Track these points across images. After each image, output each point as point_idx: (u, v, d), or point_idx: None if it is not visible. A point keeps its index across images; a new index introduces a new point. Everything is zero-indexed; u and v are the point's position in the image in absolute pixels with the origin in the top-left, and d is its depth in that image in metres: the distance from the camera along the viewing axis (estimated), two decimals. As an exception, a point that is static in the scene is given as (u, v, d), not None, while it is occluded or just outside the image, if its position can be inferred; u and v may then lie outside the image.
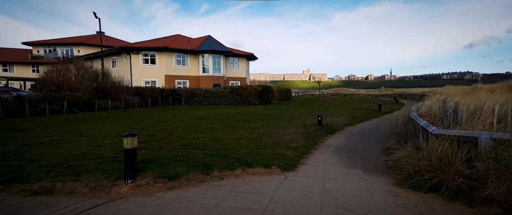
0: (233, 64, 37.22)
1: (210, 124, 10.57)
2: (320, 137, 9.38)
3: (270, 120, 12.46)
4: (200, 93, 25.21)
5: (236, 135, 8.52)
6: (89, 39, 46.94)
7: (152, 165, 4.91)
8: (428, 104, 9.93)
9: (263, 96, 26.88)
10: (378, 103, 20.90)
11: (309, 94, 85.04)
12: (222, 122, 11.28)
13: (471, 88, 22.66)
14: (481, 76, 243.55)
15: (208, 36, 34.96)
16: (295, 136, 8.94)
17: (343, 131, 11.54)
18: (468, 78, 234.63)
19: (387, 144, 8.23)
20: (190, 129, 9.39)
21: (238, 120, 12.08)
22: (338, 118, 14.49)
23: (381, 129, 11.96)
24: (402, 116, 9.11)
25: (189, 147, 6.44)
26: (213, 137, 8.02)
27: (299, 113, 16.26)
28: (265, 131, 9.45)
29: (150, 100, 21.39)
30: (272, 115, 14.61)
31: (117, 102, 18.67)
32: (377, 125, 13.59)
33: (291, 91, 39.44)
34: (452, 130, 4.50)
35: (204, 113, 15.82)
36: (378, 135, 10.30)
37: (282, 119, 13.13)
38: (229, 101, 26.27)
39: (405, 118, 8.57)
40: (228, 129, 9.56)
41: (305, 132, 9.91)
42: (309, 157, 6.74)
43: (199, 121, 11.43)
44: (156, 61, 30.35)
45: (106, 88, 18.19)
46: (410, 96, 40.64)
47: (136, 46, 29.66)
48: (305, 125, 11.28)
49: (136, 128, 9.59)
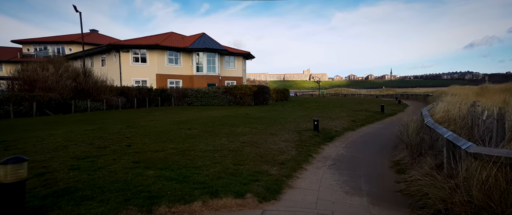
0: (229, 63, 35.79)
1: (188, 130, 9.12)
2: (315, 146, 7.95)
3: (260, 124, 11.03)
4: (192, 93, 23.77)
5: (213, 145, 7.08)
6: (80, 38, 45.42)
7: (64, 201, 3.40)
8: (443, 107, 8.49)
9: (258, 96, 25.45)
10: (381, 105, 19.48)
11: (309, 94, 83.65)
12: (203, 127, 9.84)
13: (480, 88, 21.27)
14: (481, 76, 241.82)
15: (202, 34, 33.52)
16: (285, 145, 7.51)
17: (343, 137, 10.10)
18: (468, 78, 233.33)
19: (395, 156, 6.80)
20: (160, 137, 7.94)
21: (224, 125, 10.64)
22: (338, 122, 13.06)
23: (386, 134, 10.53)
24: (413, 121, 7.67)
25: (143, 166, 4.98)
26: (184, 148, 6.57)
27: (295, 116, 14.83)
28: (251, 139, 8.02)
29: (136, 101, 19.94)
30: (264, 118, 13.17)
31: (99, 103, 17.22)
32: (381, 129, 12.16)
33: (289, 91, 38.02)
34: (503, 150, 3.08)
35: (190, 115, 14.38)
36: (383, 143, 8.87)
37: (275, 123, 11.70)
38: (222, 101, 24.85)
39: (418, 125, 7.13)
40: (208, 137, 8.12)
41: (298, 139, 8.48)
42: (299, 175, 5.31)
43: (176, 126, 9.98)
44: (147, 59, 28.91)
45: (87, 88, 16.75)
46: (412, 97, 39.18)
47: (125, 44, 28.21)
48: (299, 131, 9.85)
49: (95, 136, 8.11)
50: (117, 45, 27.95)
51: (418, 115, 9.88)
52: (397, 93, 48.79)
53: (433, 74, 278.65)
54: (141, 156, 5.70)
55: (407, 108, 23.75)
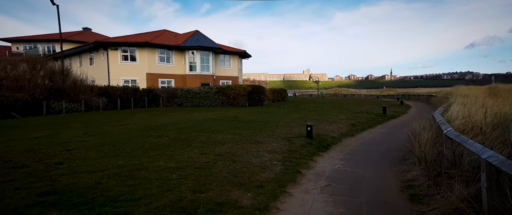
0: (224, 62, 34.42)
1: (157, 139, 7.73)
2: (307, 158, 6.60)
3: (247, 130, 9.67)
4: (181, 93, 22.40)
5: (178, 159, 5.71)
6: (73, 35, 44.11)
7: None
8: (460, 110, 7.14)
9: (253, 97, 24.10)
10: (383, 106, 18.13)
11: (308, 94, 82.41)
12: (177, 134, 8.46)
13: (488, 89, 19.96)
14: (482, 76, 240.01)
15: (196, 31, 32.15)
16: (270, 158, 6.16)
17: (341, 145, 8.74)
18: (469, 78, 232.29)
19: (406, 174, 5.44)
20: (115, 149, 6.50)
21: (203, 130, 9.27)
22: (335, 126, 11.71)
23: (391, 142, 9.18)
24: (425, 128, 6.31)
25: (50, 201, 3.45)
26: (135, 166, 5.16)
27: (289, 118, 13.48)
28: (230, 150, 6.66)
29: (119, 102, 18.53)
30: (254, 122, 11.82)
31: (76, 104, 15.84)
32: (384, 135, 10.81)
33: (286, 92, 36.66)
34: None
35: (172, 118, 13.00)
36: (388, 154, 7.51)
37: (264, 127, 10.34)
38: (214, 102, 23.49)
39: (432, 134, 5.78)
40: (176, 148, 6.75)
41: (287, 149, 7.13)
42: (280, 206, 3.96)
43: (146, 133, 8.59)
44: (136, 58, 27.54)
45: (64, 88, 15.38)
46: (414, 97, 37.80)
47: (114, 41, 26.85)
48: (290, 138, 8.50)
49: (28, 148, 6.50)
50: (105, 42, 26.59)
51: (427, 120, 8.53)
52: (398, 93, 47.42)
53: (434, 74, 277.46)
54: (64, 181, 4.25)
55: (410, 109, 22.40)
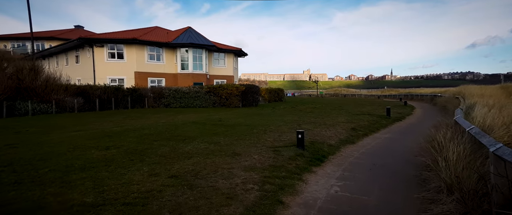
0: (218, 60, 32.83)
1: (101, 152, 6.06)
2: (294, 177, 5.04)
3: (228, 136, 8.11)
4: (169, 93, 20.82)
5: (108, 187, 4.10)
6: (63, 33, 42.54)
7: None
8: (490, 115, 5.55)
9: (247, 97, 22.54)
10: (386, 107, 16.55)
11: (307, 94, 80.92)
12: (135, 145, 6.83)
13: (501, 88, 18.40)
14: (483, 76, 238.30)
15: (188, 28, 30.59)
16: (245, 179, 4.60)
17: (339, 156, 7.16)
18: (469, 78, 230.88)
19: (431, 207, 3.85)
20: (22, 170, 4.90)
21: (172, 138, 7.69)
22: (333, 130, 10.14)
23: (400, 152, 7.62)
24: (452, 141, 4.73)
25: None
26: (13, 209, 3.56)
27: (281, 122, 11.92)
28: (194, 167, 5.10)
29: (98, 102, 16.91)
30: (239, 126, 10.25)
31: (47, 105, 14.26)
32: (390, 142, 9.23)
33: (283, 92, 35.08)
34: None
35: (147, 121, 11.41)
36: (399, 170, 5.93)
37: (249, 133, 8.77)
38: (205, 103, 21.94)
39: (465, 149, 4.20)
40: (120, 165, 5.14)
41: (271, 164, 5.57)
42: None
43: (91, 144, 6.89)
44: (124, 55, 25.95)
45: (33, 87, 13.81)
46: (417, 97, 36.18)
47: (99, 37, 25.27)
48: (278, 147, 6.94)
49: None
50: (90, 38, 24.99)
51: (447, 126, 6.96)
52: (401, 93, 45.79)
53: (434, 74, 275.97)
54: None
55: (415, 111, 20.80)
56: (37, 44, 41.78)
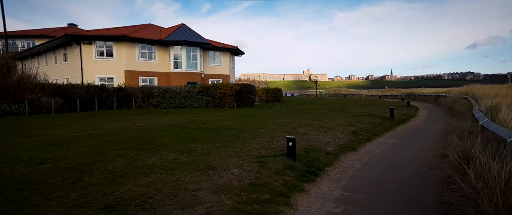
0: (214, 59, 31.67)
1: (33, 168, 4.78)
2: (279, 202, 3.86)
3: (207, 143, 6.92)
4: (158, 93, 19.62)
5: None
6: (54, 31, 41.30)
7: None
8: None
9: (241, 97, 21.36)
10: (389, 108, 15.36)
11: (307, 94, 79.81)
12: (85, 155, 5.59)
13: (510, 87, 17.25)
14: (483, 76, 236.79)
15: (182, 25, 29.42)
16: (210, 210, 3.42)
17: (338, 167, 5.98)
18: (469, 79, 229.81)
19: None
20: None
21: (137, 147, 6.50)
22: (332, 134, 8.96)
23: (411, 164, 6.44)
24: (493, 158, 3.54)
25: None
26: None
27: (275, 124, 10.75)
28: (146, 190, 3.91)
29: (78, 103, 15.69)
30: (225, 130, 9.06)
31: (19, 106, 13.09)
32: (398, 150, 8.04)
33: (281, 92, 33.89)
34: None
35: (117, 125, 10.19)
36: (414, 188, 4.75)
37: (235, 138, 7.60)
38: (197, 103, 20.76)
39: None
40: (41, 190, 3.94)
41: (251, 181, 4.40)
42: None
43: (28, 155, 5.68)
44: (113, 53, 24.75)
45: (3, 85, 12.63)
46: (420, 97, 34.96)
47: (87, 34, 24.09)
48: (264, 157, 5.76)
49: None
50: (77, 35, 23.82)
51: (459, 128, 5.80)
52: (402, 93, 44.56)
53: (434, 74, 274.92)
54: None
55: (419, 112, 19.62)
56: (28, 42, 40.61)
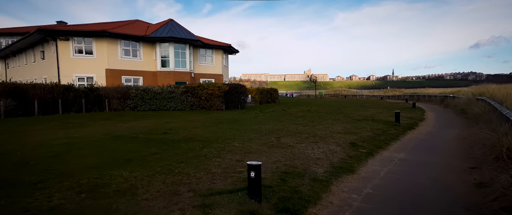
0: (205, 57, 29.74)
1: None
2: None
3: (144, 167, 4.99)
4: (136, 94, 17.66)
5: None
6: (41, 29, 39.43)
7: None
8: None
9: (231, 98, 19.43)
10: (395, 111, 13.37)
11: (306, 95, 77.88)
12: None
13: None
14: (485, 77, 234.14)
15: (169, 20, 27.49)
16: None
17: (327, 207, 4.01)
18: (472, 79, 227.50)
19: None
20: None
21: (25, 177, 4.58)
22: (325, 147, 6.99)
23: (431, 194, 4.48)
24: None
25: None
26: None
27: (256, 132, 8.80)
28: None
29: (37, 104, 13.69)
30: (188, 142, 7.11)
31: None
32: (409, 170, 6.08)
33: (277, 92, 31.92)
34: None
35: (56, 135, 8.25)
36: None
37: (192, 157, 5.65)
38: (181, 105, 18.84)
39: None
40: None
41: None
42: None
43: None
44: (93, 50, 22.85)
45: None
46: (425, 98, 32.90)
47: (63, 29, 22.20)
48: (215, 194, 3.82)
49: None
50: (52, 30, 21.93)
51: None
52: (406, 94, 42.45)
53: (436, 74, 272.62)
54: None
55: (426, 114, 17.61)
56: (12, 39, 38.79)
